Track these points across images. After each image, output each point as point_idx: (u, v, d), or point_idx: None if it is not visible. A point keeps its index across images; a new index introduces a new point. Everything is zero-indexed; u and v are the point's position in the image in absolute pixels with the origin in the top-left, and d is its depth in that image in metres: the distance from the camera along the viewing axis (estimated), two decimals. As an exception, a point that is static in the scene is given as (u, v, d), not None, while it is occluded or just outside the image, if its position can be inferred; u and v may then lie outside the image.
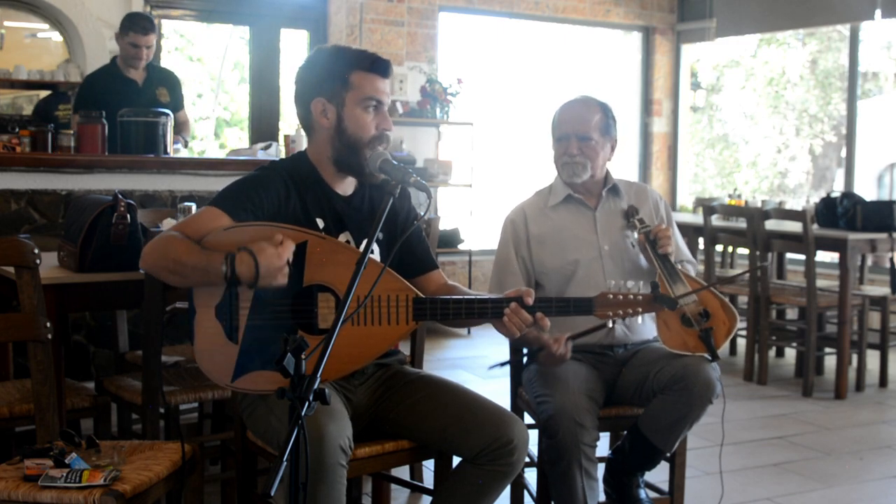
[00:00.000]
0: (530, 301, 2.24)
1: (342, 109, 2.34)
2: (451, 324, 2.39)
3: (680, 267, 2.83)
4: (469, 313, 2.27)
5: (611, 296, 2.29)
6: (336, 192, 2.41)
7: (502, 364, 2.86)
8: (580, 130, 2.89)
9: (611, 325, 2.34)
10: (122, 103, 4.58)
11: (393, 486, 2.98)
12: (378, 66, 2.37)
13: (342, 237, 2.37)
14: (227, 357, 2.20)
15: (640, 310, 2.31)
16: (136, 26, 4.87)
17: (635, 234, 2.90)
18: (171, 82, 5.15)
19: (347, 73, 2.34)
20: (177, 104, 5.12)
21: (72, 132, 4.29)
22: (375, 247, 2.44)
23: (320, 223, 2.35)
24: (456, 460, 2.44)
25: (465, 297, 2.31)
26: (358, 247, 2.36)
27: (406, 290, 2.25)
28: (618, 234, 2.94)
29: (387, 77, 2.38)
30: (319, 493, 2.04)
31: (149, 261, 2.20)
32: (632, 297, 2.30)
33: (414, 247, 2.52)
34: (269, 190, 2.31)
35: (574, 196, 2.97)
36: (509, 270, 2.92)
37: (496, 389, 2.45)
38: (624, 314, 2.30)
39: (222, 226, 2.21)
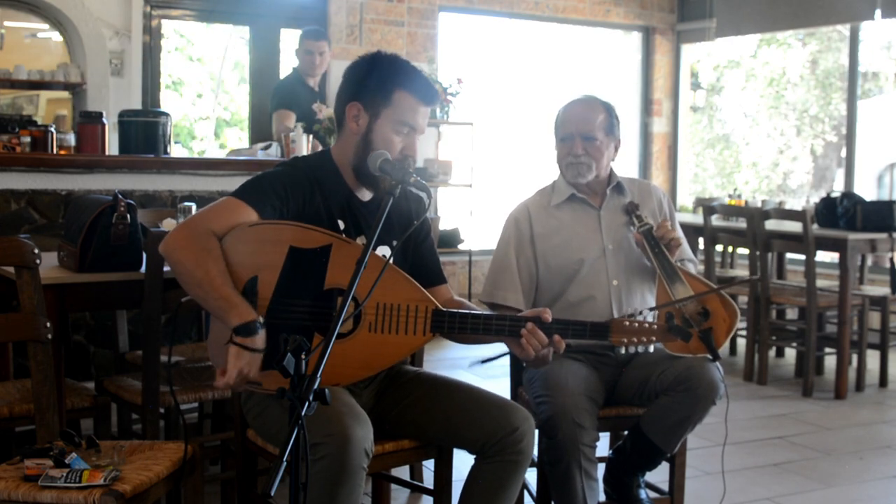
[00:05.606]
0: (548, 318, 2.22)
1: (374, 121, 2.31)
2: (462, 339, 2.33)
3: (680, 265, 2.83)
4: (486, 330, 2.23)
5: (626, 323, 2.30)
6: (356, 196, 2.39)
7: (492, 359, 2.84)
8: (584, 130, 2.87)
9: (624, 350, 2.34)
10: (305, 107, 5.03)
11: (393, 486, 2.98)
12: (425, 92, 2.32)
13: (359, 240, 2.35)
14: None
15: (654, 339, 2.31)
16: (308, 33, 5.37)
17: (634, 231, 2.89)
18: None
19: (392, 88, 2.29)
20: None
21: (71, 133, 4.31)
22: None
23: (341, 224, 2.34)
24: (458, 459, 2.45)
25: (483, 313, 2.27)
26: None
27: (426, 302, 2.21)
28: (621, 233, 2.93)
29: (430, 105, 2.33)
30: (340, 495, 2.03)
31: (177, 254, 2.12)
32: (647, 325, 2.31)
33: (426, 259, 2.51)
34: (295, 187, 2.28)
35: (577, 195, 2.96)
36: (506, 269, 2.90)
37: (496, 389, 2.45)
38: (638, 342, 2.30)
39: (248, 221, 2.18)
